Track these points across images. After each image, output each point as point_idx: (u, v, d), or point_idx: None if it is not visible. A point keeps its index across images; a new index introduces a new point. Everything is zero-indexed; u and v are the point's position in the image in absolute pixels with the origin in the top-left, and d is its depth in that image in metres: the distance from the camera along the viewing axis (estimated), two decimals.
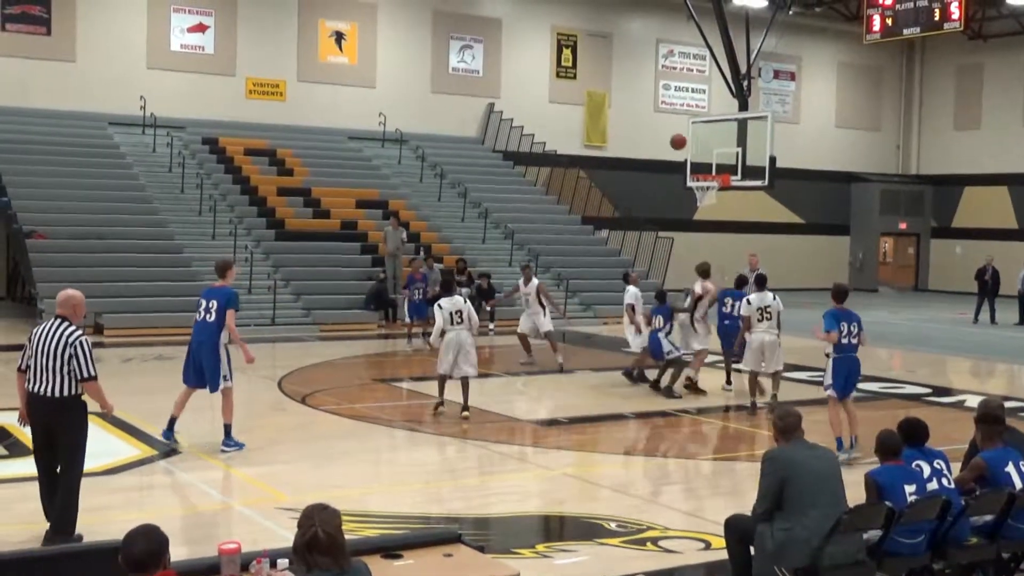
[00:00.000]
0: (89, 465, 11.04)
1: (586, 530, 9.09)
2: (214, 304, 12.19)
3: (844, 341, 11.82)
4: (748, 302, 14.98)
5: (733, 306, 16.35)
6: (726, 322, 16.72)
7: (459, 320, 14.04)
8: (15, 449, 11.86)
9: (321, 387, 16.44)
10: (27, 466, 11.13)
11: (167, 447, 11.83)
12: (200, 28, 30.80)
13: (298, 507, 8.91)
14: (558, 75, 36.40)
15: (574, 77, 36.63)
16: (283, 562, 5.14)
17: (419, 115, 33.21)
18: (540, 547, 8.64)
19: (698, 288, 16.50)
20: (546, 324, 19.22)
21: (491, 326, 25.05)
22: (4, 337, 21.77)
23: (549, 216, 32.58)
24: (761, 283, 15.38)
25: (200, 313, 12.28)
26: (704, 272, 16.73)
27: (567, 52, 36.57)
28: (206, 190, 26.96)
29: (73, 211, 25.09)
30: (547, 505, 10.27)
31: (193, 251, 25.16)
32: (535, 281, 19.42)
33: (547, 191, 33.89)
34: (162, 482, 10.70)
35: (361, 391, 16.79)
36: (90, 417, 13.41)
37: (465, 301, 14.73)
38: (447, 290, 15.42)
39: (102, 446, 12.06)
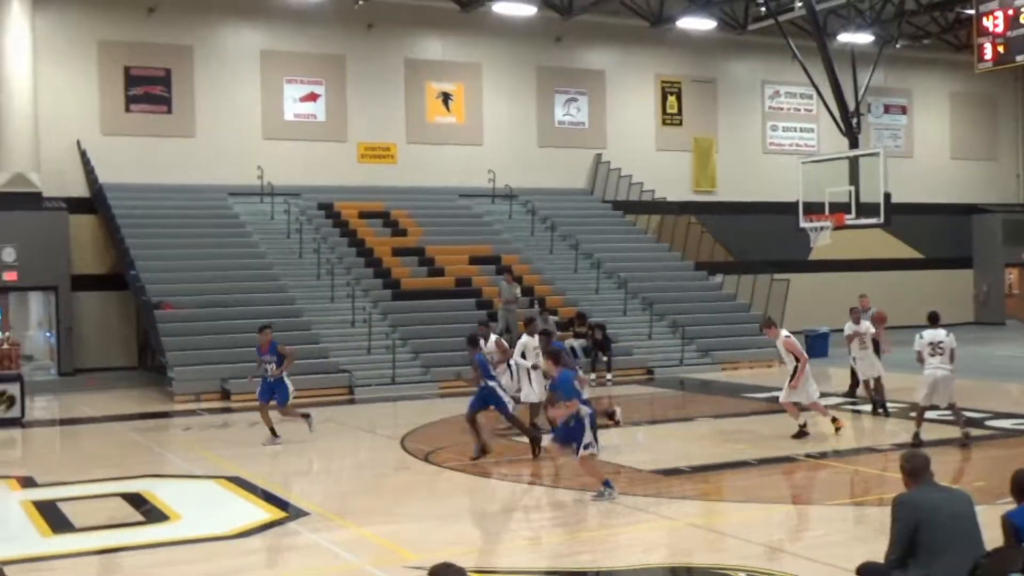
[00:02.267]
0: (222, 528, 11.31)
1: None
2: None
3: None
4: (920, 337, 15.05)
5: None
6: None
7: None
8: (151, 516, 12.16)
9: (443, 444, 16.50)
10: (162, 532, 11.44)
11: (297, 510, 11.98)
12: (312, 97, 31.58)
13: (425, 565, 8.92)
14: (664, 122, 36.37)
15: (680, 123, 36.56)
16: None
17: (527, 170, 33.48)
18: None
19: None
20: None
21: (608, 376, 24.98)
22: (138, 406, 22.44)
23: (662, 263, 32.40)
24: (934, 320, 15.44)
25: None
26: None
27: (672, 99, 36.54)
28: (323, 254, 27.51)
29: (198, 281, 25.74)
30: (674, 556, 10.13)
31: (313, 314, 25.64)
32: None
33: (658, 238, 33.73)
34: (292, 544, 10.81)
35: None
36: (220, 481, 13.78)
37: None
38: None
39: (233, 509, 12.34)
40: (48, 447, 19.29)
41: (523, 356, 17.12)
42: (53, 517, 11.93)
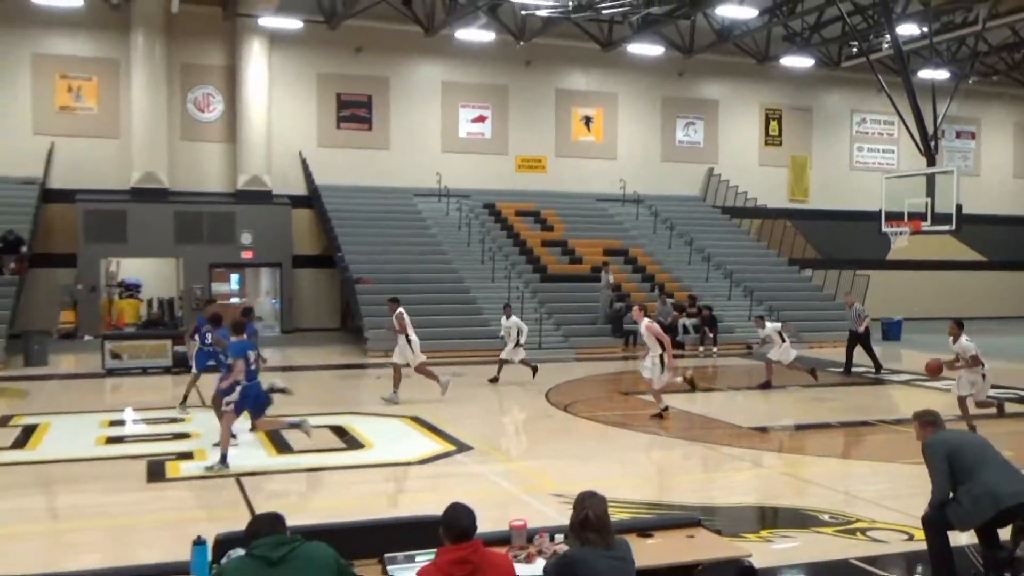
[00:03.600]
0: (405, 456, 11.58)
1: (802, 520, 8.77)
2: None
3: None
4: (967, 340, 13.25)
5: None
6: None
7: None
8: (350, 443, 12.54)
9: (578, 399, 16.55)
10: (358, 456, 11.77)
11: (463, 445, 12.17)
12: (481, 119, 31.84)
13: (566, 494, 9.06)
14: (766, 143, 35.51)
15: (780, 144, 35.65)
16: (559, 537, 5.23)
17: (652, 179, 33.14)
18: (764, 533, 8.42)
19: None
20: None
21: (714, 349, 24.65)
22: (340, 358, 23.10)
23: (761, 258, 31.70)
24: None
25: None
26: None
27: (773, 123, 35.66)
28: (487, 244, 27.79)
29: (388, 262, 26.29)
30: (765, 499, 9.98)
31: (477, 291, 25.94)
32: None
33: (758, 238, 33.04)
34: (459, 471, 11.01)
35: (609, 402, 16.80)
36: (404, 419, 14.06)
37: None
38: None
39: (413, 442, 12.62)
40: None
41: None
42: (278, 441, 12.40)
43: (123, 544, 8.33)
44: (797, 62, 32.18)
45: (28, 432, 13.01)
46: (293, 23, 27.78)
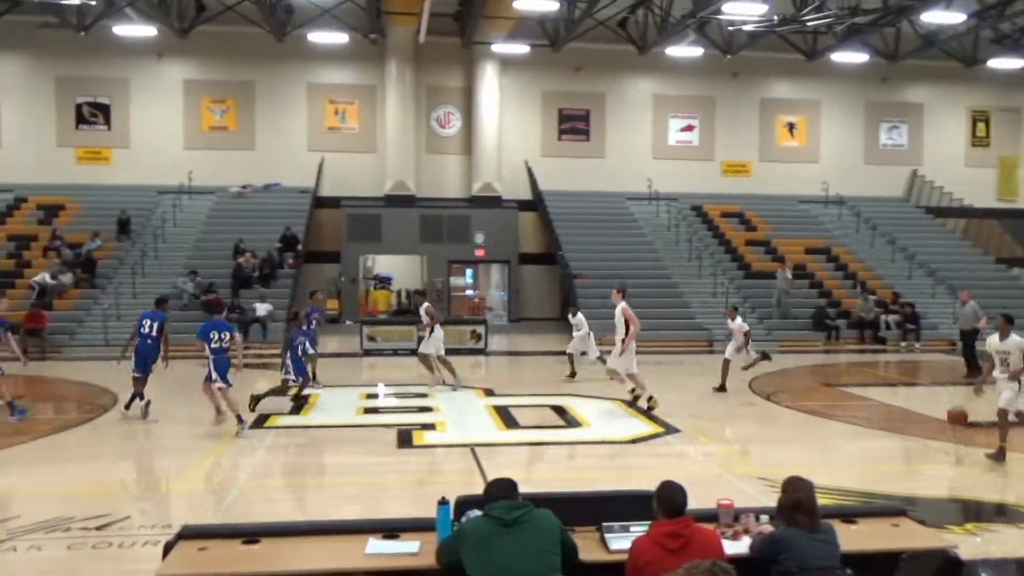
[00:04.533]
0: (618, 435, 11.56)
1: (1008, 516, 8.05)
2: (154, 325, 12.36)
3: None
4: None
5: None
6: None
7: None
8: (570, 422, 12.65)
9: (781, 389, 15.94)
10: (576, 434, 11.85)
11: (671, 427, 12.00)
12: (689, 128, 31.27)
13: (769, 477, 8.75)
14: (973, 144, 32.75)
15: (987, 145, 32.76)
16: (764, 518, 5.06)
17: (854, 181, 31.34)
18: (969, 526, 7.78)
19: None
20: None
21: (916, 344, 23.04)
22: (559, 345, 23.31)
23: (965, 257, 29.27)
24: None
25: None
26: None
27: (981, 125, 32.81)
28: (694, 243, 27.26)
29: (603, 259, 26.32)
30: (969, 492, 9.21)
31: (684, 287, 25.51)
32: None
33: (963, 237, 30.53)
34: (668, 451, 10.87)
35: (811, 392, 16.08)
36: (617, 402, 14.01)
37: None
38: None
39: (626, 423, 12.58)
40: (502, 369, 20.54)
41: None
42: (506, 417, 12.71)
43: (376, 500, 8.81)
44: (1006, 64, 29.44)
45: (300, 402, 14.00)
46: (521, 48, 28.33)
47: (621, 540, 4.70)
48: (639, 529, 4.66)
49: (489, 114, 29.30)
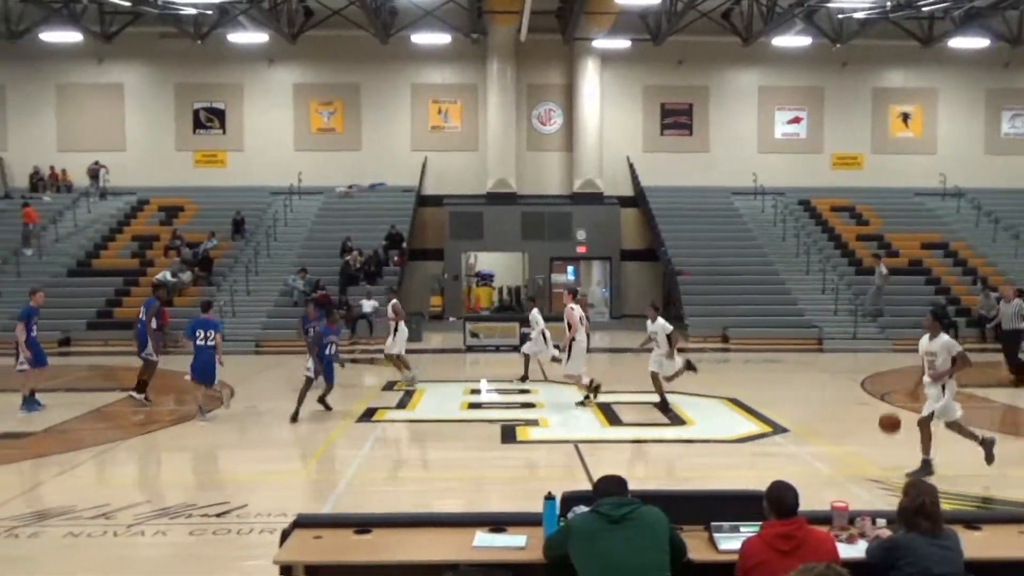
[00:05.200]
0: (723, 434, 11.36)
1: None
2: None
3: None
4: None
5: None
6: None
7: None
8: (673, 420, 12.49)
9: (895, 388, 15.33)
10: (680, 432, 11.69)
11: (779, 427, 11.71)
12: (796, 120, 30.45)
13: (883, 480, 8.45)
14: None
15: None
16: (881, 521, 4.88)
17: (974, 173, 29.86)
18: None
19: None
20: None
21: None
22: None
23: None
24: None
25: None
26: None
27: None
28: (801, 239, 26.52)
29: (707, 255, 25.89)
30: None
31: (791, 283, 24.86)
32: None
33: None
34: (775, 452, 10.62)
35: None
36: (723, 400, 13.75)
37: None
38: None
39: (731, 422, 12.35)
40: (604, 366, 20.42)
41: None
42: (609, 414, 12.65)
43: (479, 494, 8.90)
44: None
45: (407, 396, 14.27)
46: (622, 43, 28.12)
47: (730, 540, 4.62)
48: (749, 530, 4.57)
49: (590, 110, 29.20)
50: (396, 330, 15.20)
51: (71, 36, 26.35)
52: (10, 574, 6.31)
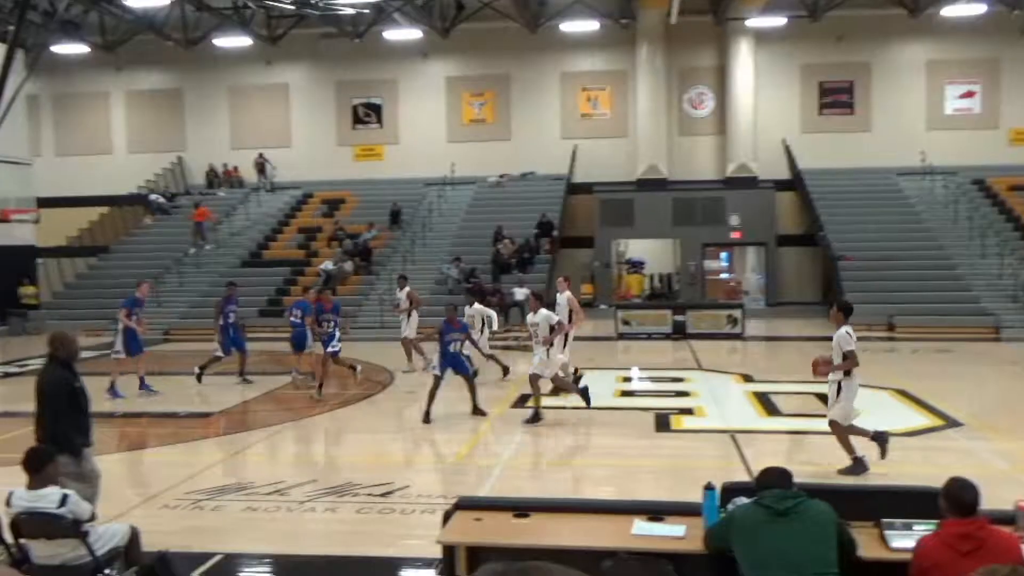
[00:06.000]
0: (890, 427, 10.80)
1: None
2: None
3: None
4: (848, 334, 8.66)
5: None
6: None
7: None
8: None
9: None
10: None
11: (953, 420, 11.05)
12: (969, 95, 28.51)
13: None
14: None
15: None
16: None
17: None
18: None
19: None
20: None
21: None
22: (821, 330, 22.19)
23: None
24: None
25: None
26: None
27: None
28: (975, 221, 24.83)
29: (870, 239, 24.65)
30: None
31: (964, 268, 23.33)
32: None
33: None
34: (947, 447, 10.04)
35: None
36: (889, 392, 13.09)
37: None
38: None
39: (900, 414, 11.75)
40: (760, 355, 19.91)
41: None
42: (767, 404, 12.31)
43: (633, 482, 8.86)
44: None
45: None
46: (778, 20, 27.14)
47: (903, 538, 4.41)
48: (923, 528, 4.34)
49: (744, 92, 28.36)
50: (410, 316, 15.83)
51: (241, 41, 27.94)
52: (196, 543, 6.80)
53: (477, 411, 11.57)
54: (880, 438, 8.68)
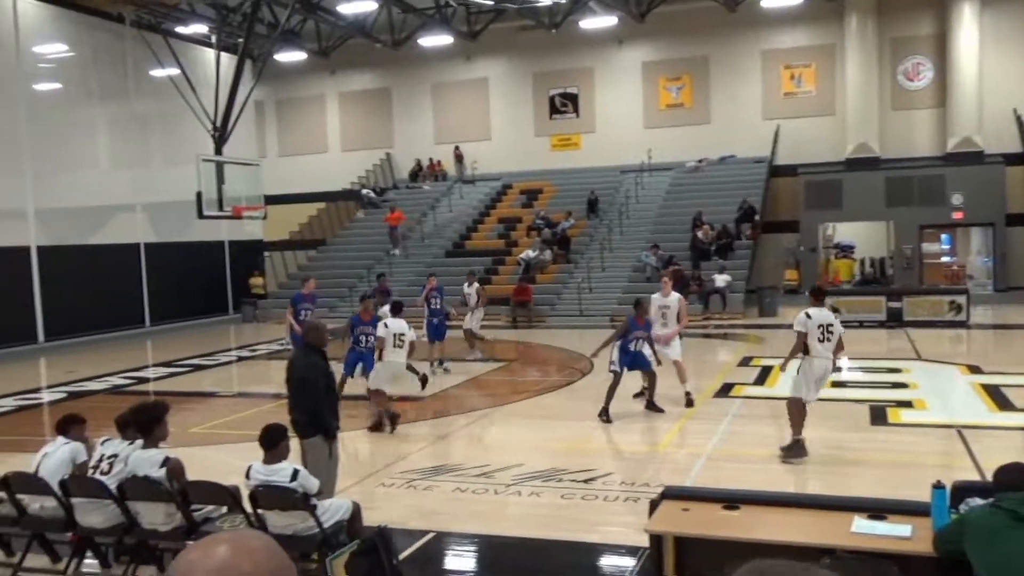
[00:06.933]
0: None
1: None
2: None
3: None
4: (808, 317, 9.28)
5: None
6: None
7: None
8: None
9: None
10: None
11: None
12: None
13: None
14: None
15: None
16: None
17: None
18: None
19: None
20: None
21: None
22: None
23: None
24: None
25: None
26: None
27: None
28: None
29: None
30: None
31: None
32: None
33: None
34: None
35: None
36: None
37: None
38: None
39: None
40: (988, 344, 18.38)
41: None
42: (997, 397, 11.33)
43: (846, 476, 8.41)
44: None
45: (765, 372, 13.87)
46: None
47: None
48: None
49: (967, 60, 26.09)
50: (474, 311, 16.13)
51: (443, 39, 28.91)
52: (411, 520, 7.13)
53: (652, 407, 11.34)
54: None
